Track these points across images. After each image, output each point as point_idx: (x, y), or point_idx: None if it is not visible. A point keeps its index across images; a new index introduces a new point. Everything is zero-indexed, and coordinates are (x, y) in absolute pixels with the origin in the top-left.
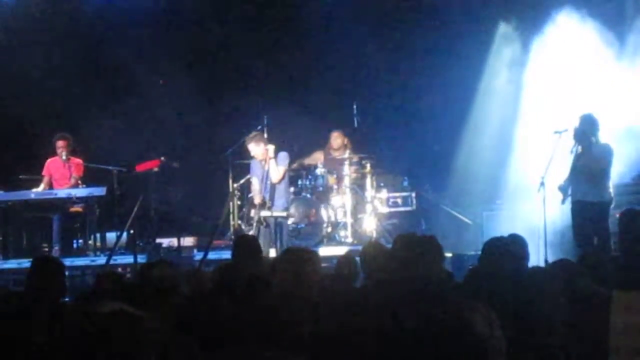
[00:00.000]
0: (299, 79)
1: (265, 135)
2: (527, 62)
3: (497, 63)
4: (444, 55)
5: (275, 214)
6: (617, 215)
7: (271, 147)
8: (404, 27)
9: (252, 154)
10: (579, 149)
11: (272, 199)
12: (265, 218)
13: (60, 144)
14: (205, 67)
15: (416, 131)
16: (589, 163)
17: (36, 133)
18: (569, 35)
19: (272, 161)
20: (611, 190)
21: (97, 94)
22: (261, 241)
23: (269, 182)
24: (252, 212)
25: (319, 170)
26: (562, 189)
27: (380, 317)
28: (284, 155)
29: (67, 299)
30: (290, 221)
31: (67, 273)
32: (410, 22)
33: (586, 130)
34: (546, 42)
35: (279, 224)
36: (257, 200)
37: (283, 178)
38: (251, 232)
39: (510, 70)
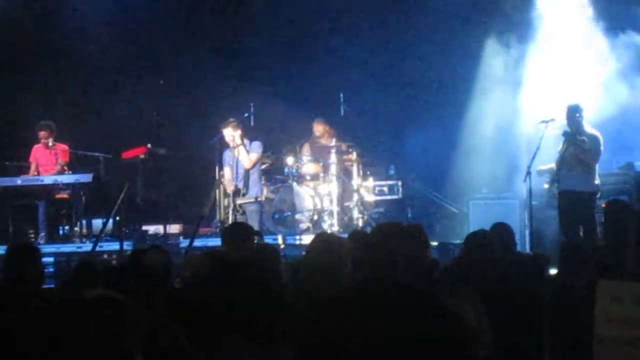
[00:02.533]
0: (285, 68)
1: (252, 124)
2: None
3: (490, 56)
4: (433, 44)
5: (251, 199)
6: (603, 206)
7: (237, 134)
8: (392, 15)
9: (227, 138)
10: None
11: (246, 186)
12: (241, 205)
13: (42, 134)
14: (192, 55)
15: (403, 120)
16: (578, 152)
17: (22, 119)
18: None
19: (241, 148)
20: (598, 180)
21: (84, 79)
22: None
23: (241, 170)
24: (226, 202)
25: (305, 158)
26: (551, 176)
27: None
28: (257, 144)
29: (52, 286)
30: (275, 208)
31: (52, 259)
32: (399, 10)
33: (573, 120)
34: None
35: (255, 210)
36: (229, 188)
37: (255, 165)
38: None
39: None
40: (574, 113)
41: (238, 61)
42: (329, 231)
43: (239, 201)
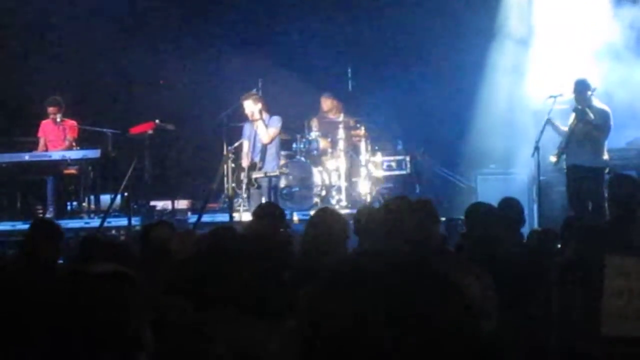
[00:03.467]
0: (293, 43)
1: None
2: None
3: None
4: (443, 20)
5: (268, 174)
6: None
7: (257, 108)
8: None
9: (247, 111)
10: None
11: (262, 160)
12: (256, 179)
13: (51, 109)
14: (199, 30)
15: (411, 95)
16: (587, 127)
17: (31, 94)
18: None
19: (260, 122)
20: (606, 155)
21: (93, 54)
22: (252, 204)
23: (259, 144)
24: (242, 175)
25: (313, 134)
26: (557, 151)
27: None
28: (276, 119)
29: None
30: (283, 183)
31: None
32: None
33: (582, 94)
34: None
35: (273, 186)
36: (244, 162)
37: (273, 140)
38: (245, 194)
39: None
40: (581, 88)
41: (246, 36)
42: (337, 206)
43: (254, 175)
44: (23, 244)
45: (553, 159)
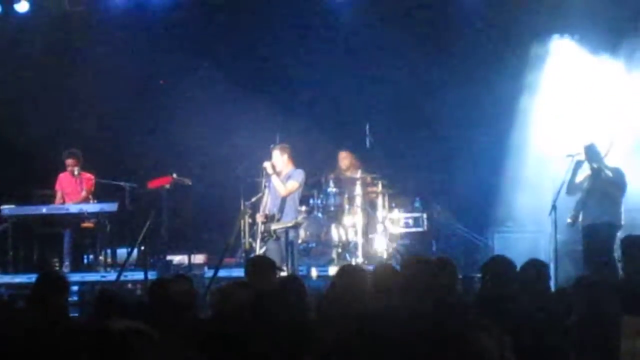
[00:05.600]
0: (312, 98)
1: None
2: (538, 86)
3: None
4: (459, 80)
5: (286, 225)
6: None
7: (283, 159)
8: (420, 48)
9: (273, 160)
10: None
11: (281, 212)
12: (275, 231)
13: (69, 162)
14: (217, 83)
15: (429, 153)
16: (604, 186)
17: (49, 147)
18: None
19: (274, 177)
20: (622, 214)
21: (108, 108)
22: (270, 257)
23: (278, 197)
24: (262, 227)
25: (330, 190)
26: (573, 211)
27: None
28: (298, 172)
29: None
30: (300, 239)
31: (77, 288)
32: (427, 44)
33: (594, 156)
34: (554, 65)
35: (290, 241)
36: (259, 217)
37: (291, 193)
38: (262, 249)
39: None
40: (592, 151)
41: (265, 89)
42: (353, 263)
43: (273, 226)
44: (30, 296)
45: (569, 220)
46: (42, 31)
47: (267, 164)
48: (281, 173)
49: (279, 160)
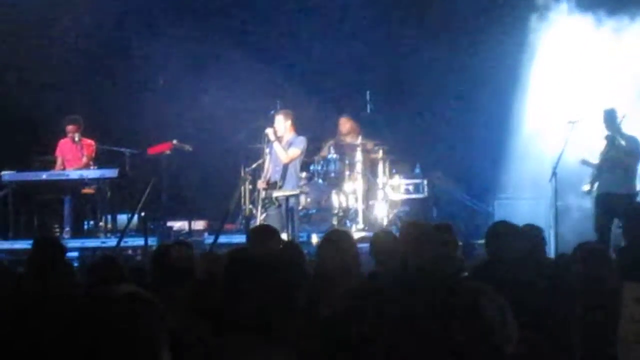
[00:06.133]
0: (312, 65)
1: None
2: (538, 52)
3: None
4: (461, 43)
5: (287, 193)
6: None
7: (286, 124)
8: (419, 12)
9: (275, 125)
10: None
11: (282, 179)
12: (277, 198)
13: (70, 128)
14: (217, 50)
15: (429, 118)
16: (619, 154)
17: (49, 113)
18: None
19: (276, 143)
20: (638, 182)
21: (111, 74)
22: (270, 223)
23: (279, 164)
24: (263, 194)
25: (331, 156)
26: (591, 179)
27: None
28: (301, 139)
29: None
30: (301, 205)
31: (77, 254)
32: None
33: (611, 123)
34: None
35: (290, 208)
36: (260, 183)
37: (292, 160)
38: (262, 216)
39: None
40: (611, 116)
41: (265, 57)
42: (354, 229)
43: (274, 194)
44: (28, 263)
45: (586, 187)
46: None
47: (269, 130)
48: (283, 139)
49: (282, 126)
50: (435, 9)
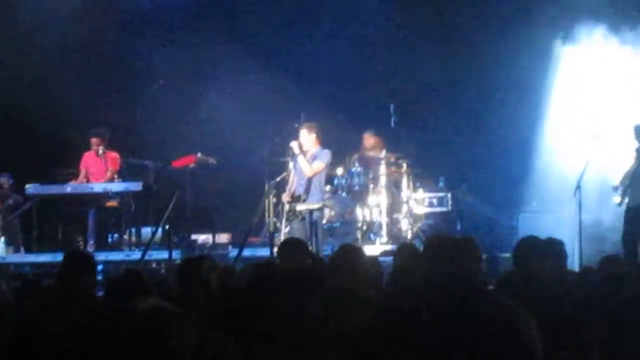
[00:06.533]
0: (336, 79)
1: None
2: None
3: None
4: (485, 58)
5: (311, 206)
6: None
7: (310, 138)
8: (444, 26)
9: (300, 139)
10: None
11: (307, 192)
12: (301, 211)
13: (94, 141)
14: (242, 64)
15: (453, 132)
16: None
17: (74, 126)
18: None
19: (300, 157)
20: None
21: (134, 89)
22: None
23: (304, 177)
24: (287, 207)
25: (355, 170)
26: (622, 192)
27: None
28: (324, 153)
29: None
30: (325, 219)
31: (101, 267)
32: (452, 21)
33: None
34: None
35: (314, 221)
36: (284, 197)
37: (317, 174)
38: (286, 229)
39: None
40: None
41: (290, 70)
42: (377, 243)
43: (298, 207)
44: (59, 275)
45: (617, 199)
46: (67, 17)
47: (294, 144)
48: (307, 153)
49: (306, 139)
50: (459, 24)
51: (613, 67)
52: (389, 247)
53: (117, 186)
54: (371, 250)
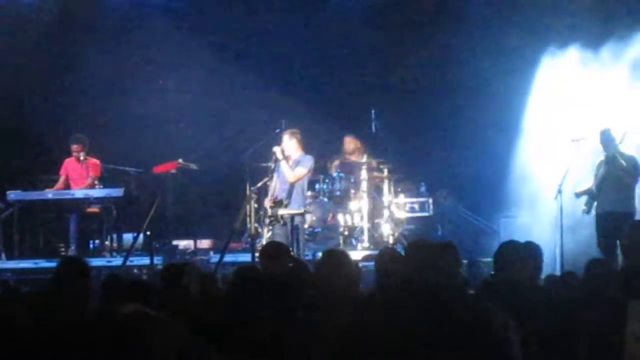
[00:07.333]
0: (317, 84)
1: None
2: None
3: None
4: (466, 63)
5: (293, 211)
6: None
7: (291, 143)
8: (425, 32)
9: (283, 145)
10: (603, 159)
11: (289, 197)
12: (282, 216)
13: (74, 147)
14: (223, 70)
15: (434, 137)
16: (618, 173)
17: (55, 133)
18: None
19: (283, 162)
20: (636, 201)
21: (115, 94)
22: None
23: (286, 182)
24: (269, 212)
25: (336, 175)
26: (588, 199)
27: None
28: (307, 158)
29: None
30: (306, 224)
31: None
32: (432, 27)
33: (609, 142)
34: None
35: (295, 226)
36: (266, 202)
37: (299, 179)
38: (268, 234)
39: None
40: (607, 137)
41: (271, 76)
42: (359, 247)
43: (280, 212)
44: (52, 281)
45: (584, 207)
46: (44, 19)
47: (276, 149)
48: (290, 158)
49: (288, 145)
50: (441, 30)
51: (588, 74)
52: (370, 252)
53: (98, 192)
54: (353, 255)
